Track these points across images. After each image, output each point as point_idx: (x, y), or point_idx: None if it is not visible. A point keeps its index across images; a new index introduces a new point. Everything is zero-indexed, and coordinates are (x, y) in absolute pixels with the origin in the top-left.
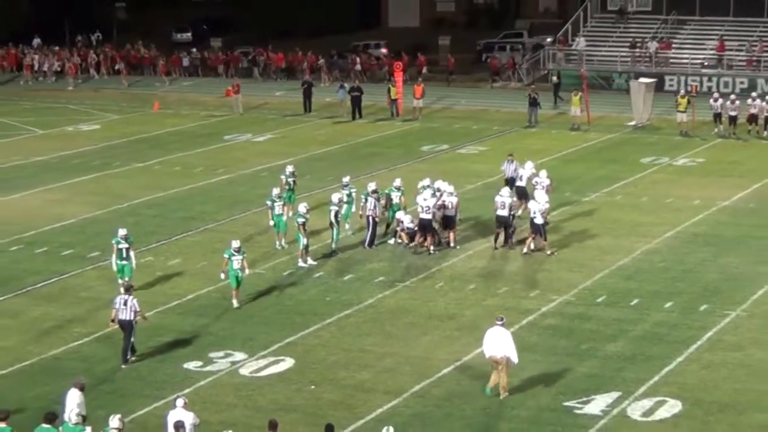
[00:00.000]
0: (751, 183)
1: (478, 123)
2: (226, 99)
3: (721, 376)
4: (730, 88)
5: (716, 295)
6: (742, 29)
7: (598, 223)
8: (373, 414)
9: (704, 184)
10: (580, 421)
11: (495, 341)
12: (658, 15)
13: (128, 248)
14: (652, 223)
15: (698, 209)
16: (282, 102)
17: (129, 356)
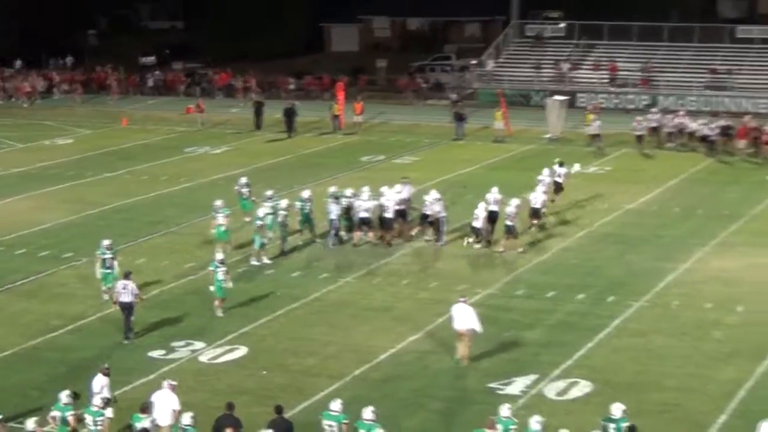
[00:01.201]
0: (654, 188)
1: (411, 136)
2: (188, 115)
3: (626, 360)
4: (635, 105)
5: (622, 287)
6: (644, 52)
7: (519, 225)
8: (318, 396)
9: (612, 189)
10: (502, 401)
11: (460, 316)
12: (570, 40)
13: (112, 258)
14: (566, 224)
15: (607, 212)
16: (238, 118)
17: (130, 335)
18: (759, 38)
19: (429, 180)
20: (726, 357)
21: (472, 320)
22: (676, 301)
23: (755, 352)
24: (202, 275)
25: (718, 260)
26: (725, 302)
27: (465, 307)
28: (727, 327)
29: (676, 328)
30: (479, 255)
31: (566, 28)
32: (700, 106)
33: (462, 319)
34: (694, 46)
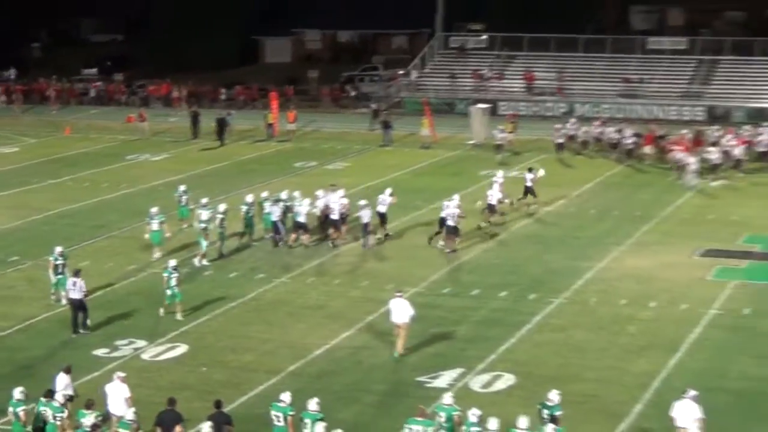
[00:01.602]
0: (571, 191)
1: (342, 143)
2: (128, 124)
3: (547, 353)
4: (552, 112)
5: (542, 285)
6: (561, 62)
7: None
8: (256, 390)
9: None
10: (430, 393)
11: (398, 310)
12: (492, 51)
13: (64, 264)
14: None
15: (527, 214)
16: (176, 127)
17: (81, 330)
18: (669, 49)
19: (359, 185)
20: (640, 350)
21: (409, 313)
22: (593, 297)
23: (667, 345)
24: (142, 276)
25: (632, 259)
26: (639, 298)
27: (402, 302)
28: (641, 322)
29: (593, 323)
30: (408, 255)
31: (488, 40)
32: (614, 113)
33: (399, 313)
34: (608, 57)
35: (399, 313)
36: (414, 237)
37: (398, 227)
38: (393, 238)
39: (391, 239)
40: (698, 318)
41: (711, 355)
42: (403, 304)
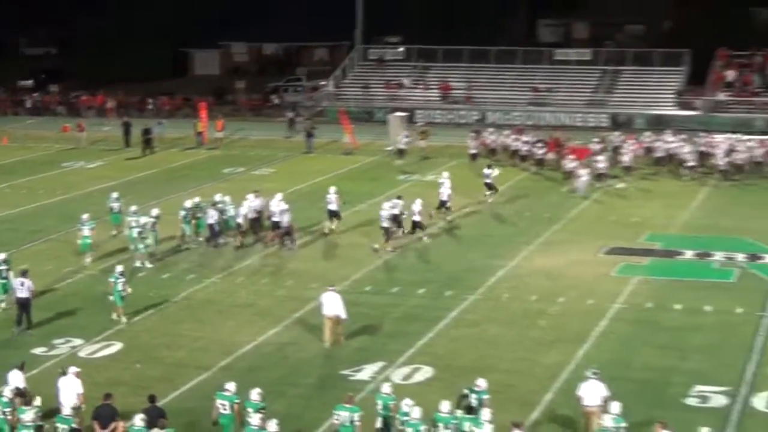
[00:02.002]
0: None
1: (268, 150)
2: (64, 134)
3: (463, 347)
4: (466, 120)
5: (458, 283)
6: (474, 73)
7: (367, 228)
8: (188, 385)
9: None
10: (353, 386)
11: (329, 303)
12: (408, 62)
13: (8, 269)
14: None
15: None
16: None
17: (23, 327)
18: (574, 60)
19: (285, 189)
20: (550, 343)
21: (339, 307)
22: (506, 294)
23: (575, 338)
24: (79, 278)
25: (541, 257)
26: (548, 294)
27: (333, 295)
28: (550, 316)
29: (506, 317)
30: (331, 255)
31: (405, 52)
32: (524, 120)
33: (330, 306)
34: (517, 68)
35: (330, 306)
36: (337, 238)
37: (322, 229)
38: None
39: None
40: (604, 312)
41: (616, 346)
42: (334, 297)
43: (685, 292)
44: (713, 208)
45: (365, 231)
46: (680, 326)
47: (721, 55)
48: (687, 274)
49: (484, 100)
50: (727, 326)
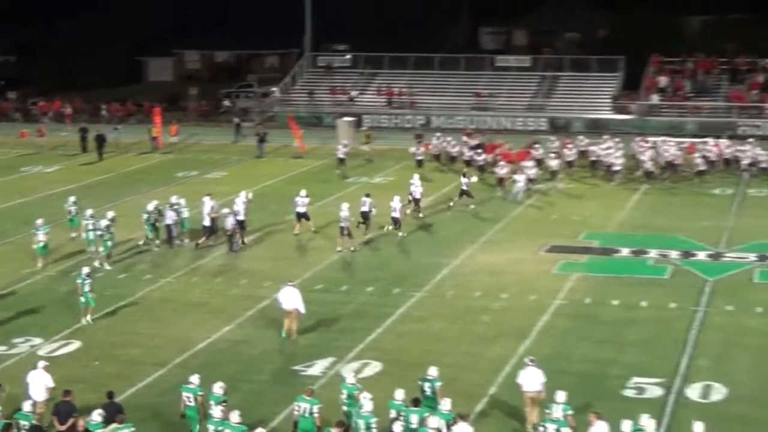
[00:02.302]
0: (430, 195)
1: (221, 154)
2: (22, 139)
3: (410, 342)
4: (411, 124)
5: (405, 280)
6: (418, 79)
7: (317, 228)
8: (144, 381)
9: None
10: (305, 381)
11: (287, 297)
12: (356, 69)
13: None
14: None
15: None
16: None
17: None
18: (514, 66)
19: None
20: (493, 338)
21: (298, 301)
22: (450, 291)
23: (518, 333)
24: (37, 279)
25: (484, 255)
26: (491, 291)
27: (292, 290)
28: (493, 312)
29: (451, 314)
30: (283, 255)
31: (352, 59)
32: (467, 125)
33: (289, 300)
34: (460, 74)
35: (289, 300)
36: (289, 238)
37: (273, 230)
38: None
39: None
40: (545, 308)
41: (557, 341)
42: (293, 292)
43: (621, 288)
44: (648, 208)
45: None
46: (617, 321)
47: (654, 62)
48: (623, 270)
49: (429, 105)
50: (662, 321)
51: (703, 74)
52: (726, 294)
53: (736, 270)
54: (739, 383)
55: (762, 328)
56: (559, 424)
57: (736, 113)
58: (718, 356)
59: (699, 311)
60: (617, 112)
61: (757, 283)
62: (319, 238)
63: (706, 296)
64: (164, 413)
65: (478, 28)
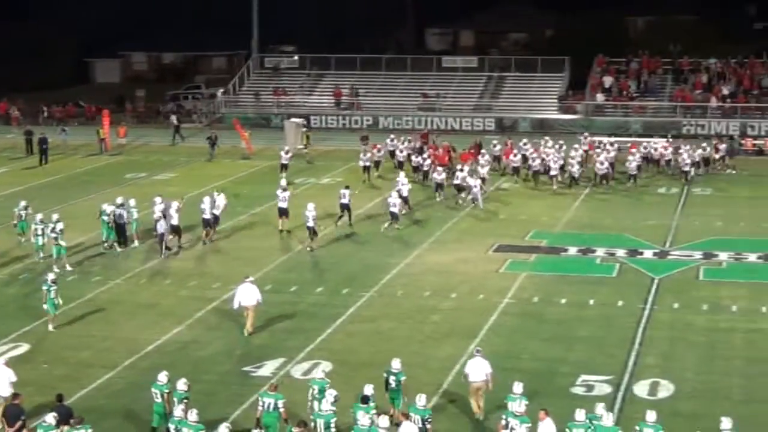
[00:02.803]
0: (378, 195)
1: (169, 155)
2: None
3: (360, 342)
4: (359, 125)
5: (355, 281)
6: (366, 80)
7: (265, 230)
8: (94, 384)
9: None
10: (255, 382)
11: (246, 293)
12: (303, 70)
13: None
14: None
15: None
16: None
17: None
18: (461, 67)
19: (186, 193)
20: (443, 337)
21: (257, 296)
22: (399, 290)
23: (467, 332)
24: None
25: (433, 255)
26: (441, 291)
27: (251, 286)
28: (443, 311)
29: (401, 313)
30: (233, 257)
31: (299, 60)
32: (415, 125)
33: (248, 296)
34: (407, 74)
35: (247, 297)
36: (238, 239)
37: (222, 230)
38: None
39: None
40: (494, 307)
41: (505, 339)
42: (251, 288)
43: (569, 286)
44: (594, 208)
45: (265, 232)
46: (566, 319)
47: (599, 62)
48: (571, 269)
49: (376, 106)
50: (610, 318)
51: (648, 74)
52: (672, 292)
53: (682, 268)
54: (686, 380)
55: (708, 324)
56: (522, 420)
57: (681, 113)
58: (665, 353)
59: (646, 309)
60: (563, 111)
61: (703, 281)
62: (268, 239)
63: (653, 294)
64: (113, 415)
65: (424, 29)
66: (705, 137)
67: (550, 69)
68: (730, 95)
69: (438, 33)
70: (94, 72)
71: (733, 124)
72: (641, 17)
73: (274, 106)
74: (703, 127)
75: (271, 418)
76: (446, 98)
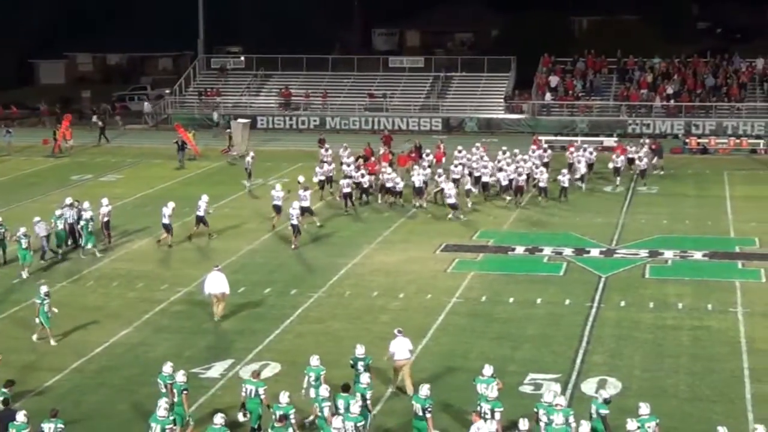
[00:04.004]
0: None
1: (116, 157)
2: None
3: (309, 343)
4: (306, 125)
5: (303, 281)
6: (312, 80)
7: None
8: (40, 387)
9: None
10: (204, 383)
11: (214, 282)
12: (250, 70)
13: None
14: (254, 229)
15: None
16: None
17: None
18: (408, 67)
19: (134, 194)
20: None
21: (225, 285)
22: (348, 291)
23: (416, 332)
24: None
25: (381, 255)
26: (389, 291)
27: (219, 275)
28: (391, 312)
29: (349, 314)
30: (180, 258)
31: (246, 61)
32: (362, 126)
33: (215, 285)
34: (354, 75)
35: (214, 285)
36: (185, 241)
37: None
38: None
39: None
40: (442, 306)
41: (454, 339)
42: (219, 276)
43: (517, 285)
44: (541, 207)
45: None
46: (513, 318)
47: (545, 62)
48: (519, 268)
49: (323, 107)
50: (557, 317)
51: (594, 74)
52: (619, 290)
53: (628, 266)
54: (633, 377)
55: (654, 322)
56: (494, 405)
57: (626, 112)
58: (612, 351)
59: (593, 307)
60: (510, 111)
61: (649, 279)
62: (215, 240)
63: (600, 292)
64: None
65: (370, 29)
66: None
67: (496, 69)
68: (674, 95)
69: (384, 33)
70: (39, 73)
71: (678, 123)
72: (586, 17)
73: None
74: (648, 126)
75: (253, 404)
76: (393, 98)
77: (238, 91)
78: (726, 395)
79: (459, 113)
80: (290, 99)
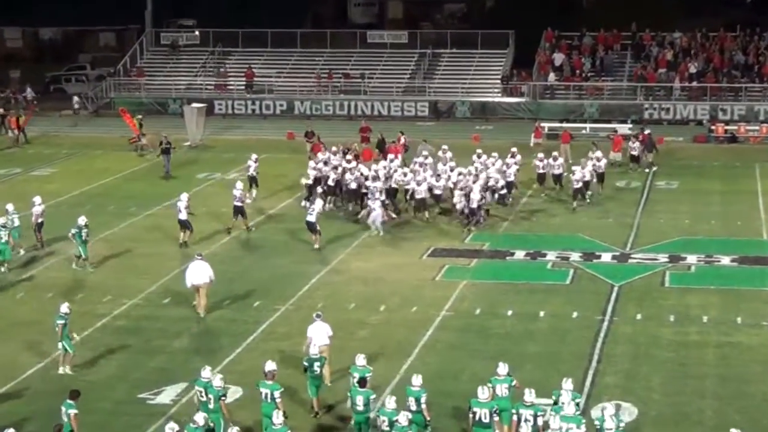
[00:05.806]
0: (293, 194)
1: (49, 148)
2: None
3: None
4: (272, 110)
5: (268, 292)
6: (279, 58)
7: (160, 234)
8: None
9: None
10: (153, 410)
11: (196, 272)
12: (206, 47)
13: None
14: (212, 230)
15: (249, 216)
16: None
17: None
18: (389, 43)
19: (70, 191)
20: (372, 355)
21: (209, 273)
22: (320, 303)
23: (399, 349)
24: None
25: (359, 261)
26: (368, 302)
27: (202, 264)
28: (371, 326)
29: None
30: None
31: (201, 36)
32: (336, 110)
33: (198, 275)
34: (327, 52)
35: (196, 275)
36: (131, 246)
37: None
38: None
39: None
40: (429, 320)
41: (443, 358)
42: (202, 265)
43: (516, 296)
44: (543, 204)
45: (157, 237)
46: (512, 334)
47: (548, 37)
48: (518, 276)
49: (292, 89)
50: (563, 332)
51: (604, 51)
52: (634, 301)
53: (645, 273)
54: (651, 401)
55: (675, 338)
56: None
57: (642, 95)
58: (627, 372)
59: (605, 321)
60: (507, 94)
61: (669, 288)
62: (163, 245)
63: (613, 304)
64: None
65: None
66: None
67: (491, 45)
68: (697, 74)
69: (362, 3)
70: None
71: (702, 107)
72: None
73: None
74: (668, 111)
75: (269, 408)
76: (372, 79)
77: (192, 71)
78: (759, 422)
79: (448, 96)
80: (253, 80)
